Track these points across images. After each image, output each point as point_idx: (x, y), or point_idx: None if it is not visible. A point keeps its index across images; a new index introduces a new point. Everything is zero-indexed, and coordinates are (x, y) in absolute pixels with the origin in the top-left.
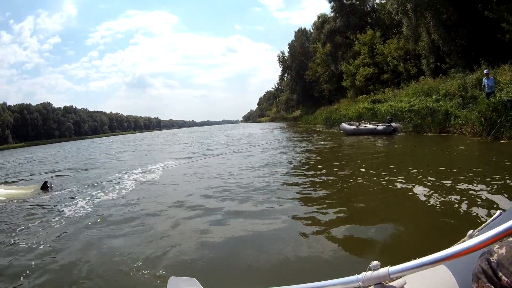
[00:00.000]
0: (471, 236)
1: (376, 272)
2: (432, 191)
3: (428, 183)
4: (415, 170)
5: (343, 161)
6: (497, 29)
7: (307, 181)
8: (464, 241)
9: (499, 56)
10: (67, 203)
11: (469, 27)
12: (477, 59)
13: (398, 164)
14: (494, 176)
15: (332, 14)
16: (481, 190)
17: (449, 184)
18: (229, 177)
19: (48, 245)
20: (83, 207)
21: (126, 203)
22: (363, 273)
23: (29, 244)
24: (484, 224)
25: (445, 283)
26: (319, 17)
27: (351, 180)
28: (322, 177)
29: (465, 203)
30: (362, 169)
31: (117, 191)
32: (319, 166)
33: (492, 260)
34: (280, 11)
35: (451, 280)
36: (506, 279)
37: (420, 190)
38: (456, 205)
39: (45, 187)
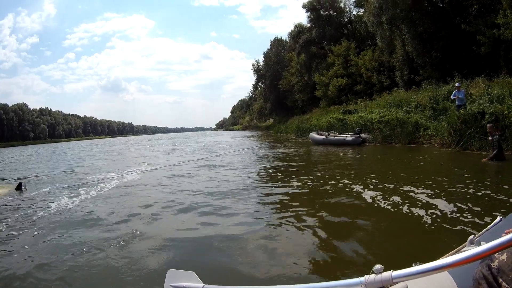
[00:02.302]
0: (471, 242)
1: (379, 276)
2: (381, 196)
3: (381, 189)
4: (373, 177)
5: (303, 169)
6: (473, 42)
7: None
8: (464, 246)
9: (474, 69)
10: (40, 204)
11: (445, 40)
12: (451, 71)
13: (357, 172)
14: (450, 185)
15: (309, 25)
16: (424, 195)
17: (397, 190)
18: (206, 183)
19: (21, 246)
20: (57, 207)
21: (101, 204)
22: (366, 276)
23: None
24: (484, 230)
25: None
26: (295, 26)
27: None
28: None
29: (407, 207)
30: (319, 176)
31: (89, 193)
32: (278, 175)
33: (493, 266)
34: (257, 20)
35: (452, 284)
36: (507, 286)
37: (369, 194)
38: (401, 209)
39: (19, 187)
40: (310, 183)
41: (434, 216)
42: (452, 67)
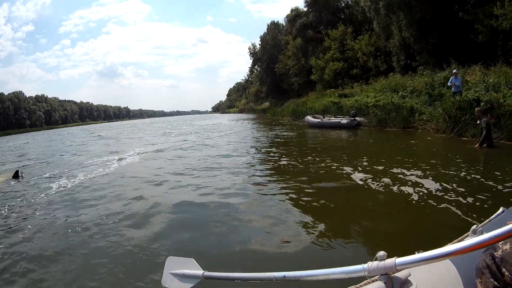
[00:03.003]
0: (474, 231)
1: (382, 263)
2: (371, 178)
3: (373, 172)
4: (366, 159)
5: (299, 152)
6: (471, 30)
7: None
8: (467, 236)
9: (471, 57)
10: (37, 191)
11: (443, 27)
12: (447, 58)
13: (348, 154)
14: (442, 170)
15: (306, 9)
16: (414, 177)
17: (382, 170)
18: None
19: (20, 234)
20: (54, 194)
21: (99, 190)
22: (369, 263)
23: None
24: (487, 220)
25: (448, 277)
26: (292, 10)
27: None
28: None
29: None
30: (315, 158)
31: (87, 178)
32: (274, 158)
33: (497, 256)
34: (254, 3)
35: (454, 273)
36: (510, 275)
37: (359, 176)
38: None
39: (16, 175)
40: (305, 166)
41: (423, 195)
42: (448, 54)
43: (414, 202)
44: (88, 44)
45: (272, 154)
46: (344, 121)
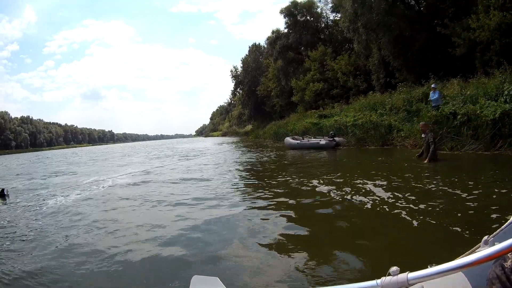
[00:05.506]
0: (486, 242)
1: (395, 278)
2: (335, 191)
3: (337, 186)
4: (338, 176)
5: (277, 174)
6: (449, 44)
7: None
8: (479, 247)
9: (449, 70)
10: (24, 209)
11: (421, 43)
12: (427, 73)
13: (324, 173)
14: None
15: (286, 30)
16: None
17: (349, 185)
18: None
19: (7, 253)
20: (41, 213)
21: (91, 210)
22: (383, 278)
23: None
24: (498, 230)
25: None
26: (273, 32)
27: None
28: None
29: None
30: (293, 180)
31: (78, 198)
32: (262, 180)
33: (506, 266)
34: (235, 25)
35: (466, 285)
36: None
37: (325, 189)
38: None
39: (2, 194)
40: (286, 189)
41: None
42: (428, 69)
43: (400, 217)
44: (72, 66)
45: (260, 177)
46: (323, 141)
